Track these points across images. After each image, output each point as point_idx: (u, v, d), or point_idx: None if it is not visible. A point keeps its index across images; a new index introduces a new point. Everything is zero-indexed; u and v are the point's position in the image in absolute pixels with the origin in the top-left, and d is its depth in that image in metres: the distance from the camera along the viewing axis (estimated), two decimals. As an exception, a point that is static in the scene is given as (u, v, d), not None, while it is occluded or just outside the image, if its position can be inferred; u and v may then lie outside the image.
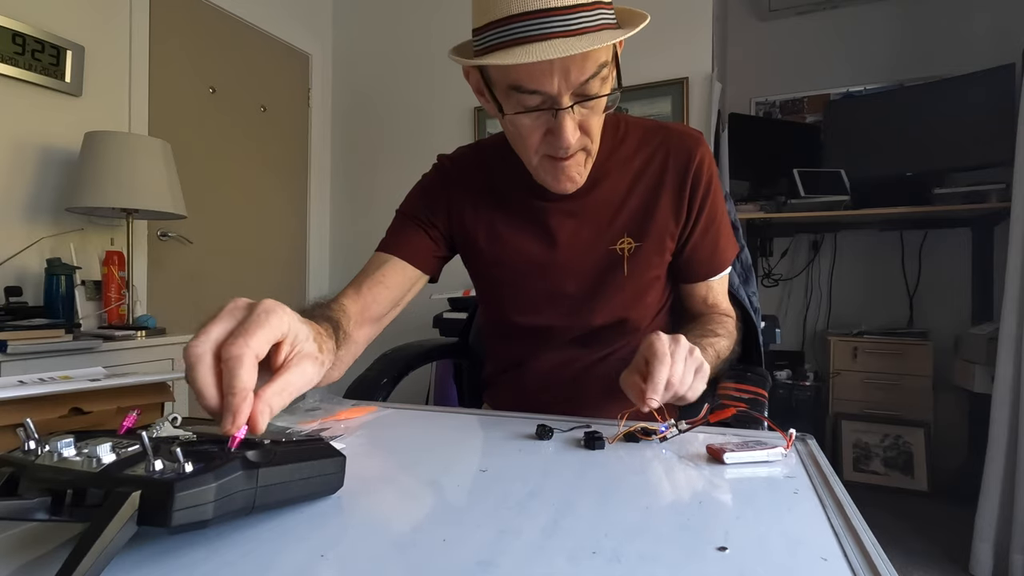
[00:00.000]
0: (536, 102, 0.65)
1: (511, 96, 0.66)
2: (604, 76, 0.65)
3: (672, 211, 0.79)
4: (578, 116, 0.66)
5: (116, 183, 1.69)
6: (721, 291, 0.87)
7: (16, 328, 1.42)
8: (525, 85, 0.63)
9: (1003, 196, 2.00)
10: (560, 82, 0.62)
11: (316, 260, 2.96)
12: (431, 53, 2.77)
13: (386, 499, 0.43)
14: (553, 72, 0.62)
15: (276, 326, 0.40)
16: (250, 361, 0.37)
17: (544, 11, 0.59)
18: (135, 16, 2.07)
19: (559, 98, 0.64)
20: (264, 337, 0.38)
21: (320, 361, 0.45)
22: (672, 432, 0.57)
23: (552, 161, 0.71)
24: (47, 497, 0.31)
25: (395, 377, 0.98)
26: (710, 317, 0.83)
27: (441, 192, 0.85)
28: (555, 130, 0.66)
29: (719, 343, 0.76)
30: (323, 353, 0.47)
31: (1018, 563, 1.57)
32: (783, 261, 2.75)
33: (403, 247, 0.82)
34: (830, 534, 0.36)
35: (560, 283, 0.81)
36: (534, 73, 0.62)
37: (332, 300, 0.72)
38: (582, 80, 0.63)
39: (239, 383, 0.36)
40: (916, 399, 2.29)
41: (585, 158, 0.73)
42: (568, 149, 0.68)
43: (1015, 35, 2.25)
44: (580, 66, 0.62)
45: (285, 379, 0.40)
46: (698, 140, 0.80)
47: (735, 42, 2.85)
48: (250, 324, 0.38)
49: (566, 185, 0.74)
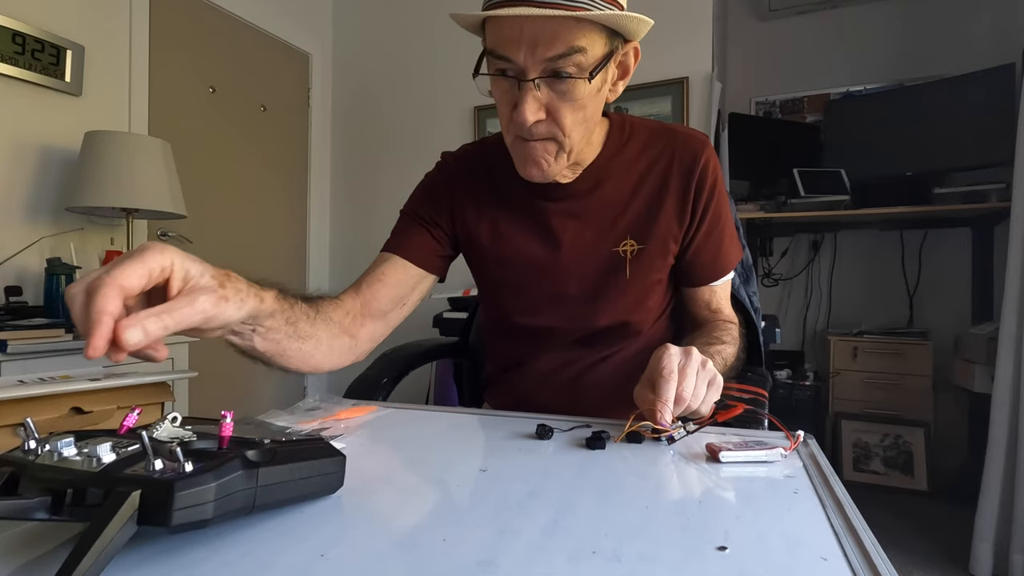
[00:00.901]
0: (506, 69, 0.65)
1: (489, 61, 0.67)
2: (579, 62, 0.63)
3: (676, 214, 0.78)
4: (545, 97, 0.65)
5: (116, 183, 1.69)
6: (724, 296, 0.86)
7: (16, 328, 1.42)
8: (497, 50, 0.64)
9: (1003, 196, 2.00)
10: (526, 53, 0.62)
11: (316, 259, 2.96)
12: (431, 52, 2.77)
13: (386, 499, 0.43)
14: (521, 41, 0.62)
15: (149, 260, 0.41)
16: (109, 290, 0.38)
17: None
18: (135, 16, 2.07)
19: (524, 70, 0.63)
20: (131, 270, 0.40)
21: (220, 295, 0.47)
22: (680, 432, 0.57)
23: (521, 142, 0.70)
24: (47, 497, 0.31)
25: (395, 377, 0.98)
26: (715, 324, 0.83)
27: (444, 191, 0.85)
28: (517, 104, 0.65)
29: (726, 350, 0.76)
30: (226, 289, 0.48)
31: (1018, 563, 1.57)
32: (783, 261, 2.75)
33: (404, 246, 0.82)
34: (830, 534, 0.36)
35: (562, 284, 0.81)
36: (505, 39, 0.63)
37: (328, 294, 0.73)
38: (548, 56, 0.62)
39: (94, 308, 0.38)
40: (916, 399, 2.29)
41: (556, 149, 0.70)
42: (527, 125, 0.66)
43: (1015, 35, 2.25)
44: (548, 41, 0.61)
45: (167, 304, 0.42)
46: (704, 143, 0.80)
47: (735, 42, 2.85)
48: (118, 261, 0.41)
49: (532, 170, 0.72)
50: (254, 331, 0.57)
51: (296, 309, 0.62)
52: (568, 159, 0.72)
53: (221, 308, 0.47)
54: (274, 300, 0.57)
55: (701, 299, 0.85)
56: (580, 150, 0.74)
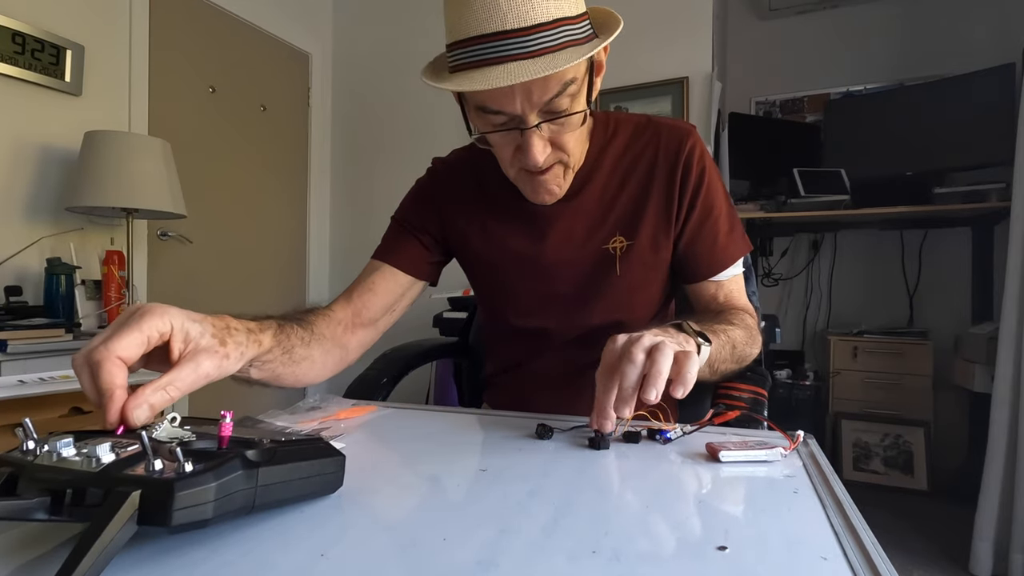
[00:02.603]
0: (502, 121, 0.65)
1: (480, 116, 0.66)
2: (573, 93, 0.64)
3: (663, 206, 0.77)
4: (547, 133, 0.66)
5: (116, 183, 1.69)
6: (736, 290, 0.80)
7: (16, 328, 1.42)
8: (490, 106, 0.63)
9: (1003, 196, 2.00)
10: (523, 103, 0.62)
11: (315, 259, 2.96)
12: (431, 53, 2.74)
13: (386, 499, 0.43)
14: (515, 94, 0.61)
15: (147, 327, 0.42)
16: (111, 366, 0.40)
17: (500, 34, 0.58)
18: (135, 16, 2.07)
19: (524, 118, 0.63)
20: (129, 340, 0.41)
21: (222, 354, 0.48)
22: (676, 433, 0.57)
23: (528, 175, 0.71)
24: (46, 497, 0.31)
25: (395, 377, 0.98)
26: (729, 311, 0.77)
27: (432, 197, 0.85)
28: (523, 148, 0.66)
29: (734, 332, 0.69)
30: (227, 347, 0.49)
31: (1018, 562, 1.57)
32: (783, 261, 2.75)
33: (393, 254, 0.82)
34: (830, 533, 0.36)
35: (553, 285, 0.81)
36: (496, 95, 0.62)
37: (321, 306, 0.74)
38: (546, 99, 0.62)
39: (102, 384, 0.39)
40: (916, 399, 2.29)
41: (564, 170, 0.72)
42: (538, 166, 0.67)
43: (1015, 35, 2.25)
44: (542, 86, 0.61)
45: (170, 376, 0.43)
46: (688, 132, 0.78)
47: (735, 42, 2.85)
48: (115, 329, 0.42)
49: (544, 197, 0.74)
50: (251, 367, 0.58)
51: (292, 337, 0.63)
52: (573, 172, 0.74)
53: (224, 368, 0.48)
54: (272, 338, 0.58)
55: (707, 294, 0.81)
56: (581, 159, 0.76)
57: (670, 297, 0.87)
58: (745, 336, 0.71)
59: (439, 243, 0.85)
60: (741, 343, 0.69)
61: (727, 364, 0.68)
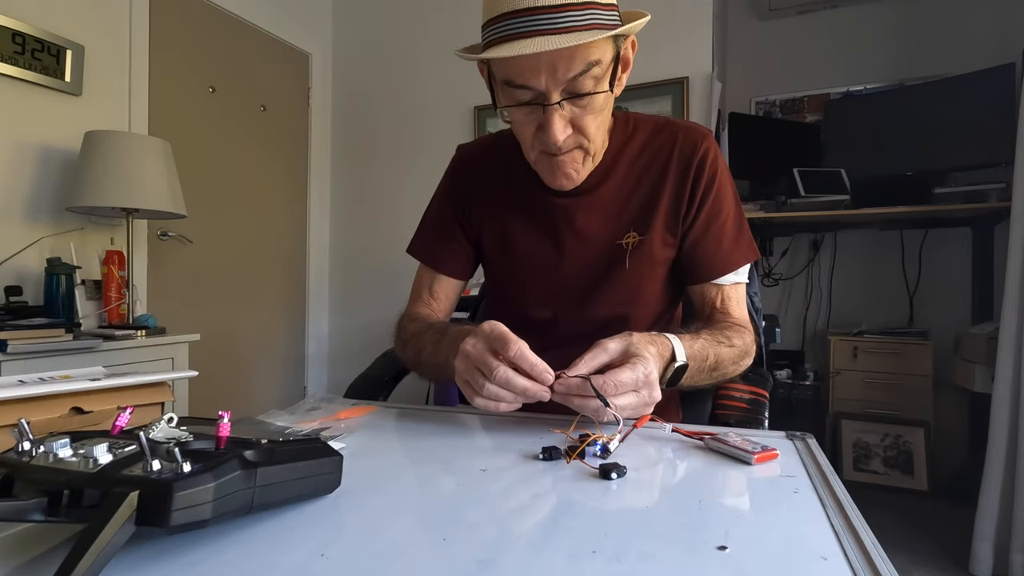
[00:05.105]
0: (526, 97, 0.67)
1: (505, 91, 0.68)
2: (597, 75, 0.66)
3: (673, 203, 0.79)
4: (569, 113, 0.68)
5: (116, 183, 1.69)
6: (735, 299, 0.81)
7: (16, 328, 1.42)
8: (515, 80, 0.66)
9: (1003, 196, 2.00)
10: (547, 78, 0.64)
11: (316, 259, 2.96)
12: (431, 52, 2.77)
13: (386, 498, 0.43)
14: (540, 68, 0.64)
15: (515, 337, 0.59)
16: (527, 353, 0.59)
17: (531, 9, 0.61)
18: (135, 16, 2.07)
19: (548, 94, 0.66)
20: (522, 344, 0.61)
21: None
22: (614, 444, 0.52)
23: (548, 157, 0.73)
24: (43, 498, 0.31)
25: (395, 376, 0.98)
26: (731, 327, 0.77)
27: (457, 192, 0.89)
28: (544, 126, 0.68)
29: (723, 351, 0.71)
30: None
31: (1018, 562, 1.57)
32: (783, 261, 2.75)
33: (444, 264, 0.89)
34: (830, 533, 0.36)
35: (567, 277, 0.83)
36: (522, 69, 0.64)
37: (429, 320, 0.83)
38: (569, 77, 0.64)
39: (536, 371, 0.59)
40: (916, 399, 2.29)
41: (583, 156, 0.74)
42: (557, 145, 0.69)
43: (1015, 35, 2.25)
44: (567, 63, 0.63)
45: None
46: (704, 135, 0.81)
47: (735, 42, 2.84)
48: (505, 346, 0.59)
49: (562, 181, 0.76)
50: None
51: None
52: (593, 162, 0.76)
53: None
54: None
55: (707, 297, 0.82)
56: (601, 150, 0.77)
57: (677, 299, 0.88)
58: (734, 355, 0.74)
59: (470, 238, 0.90)
60: (726, 362, 0.72)
61: (704, 382, 0.71)
